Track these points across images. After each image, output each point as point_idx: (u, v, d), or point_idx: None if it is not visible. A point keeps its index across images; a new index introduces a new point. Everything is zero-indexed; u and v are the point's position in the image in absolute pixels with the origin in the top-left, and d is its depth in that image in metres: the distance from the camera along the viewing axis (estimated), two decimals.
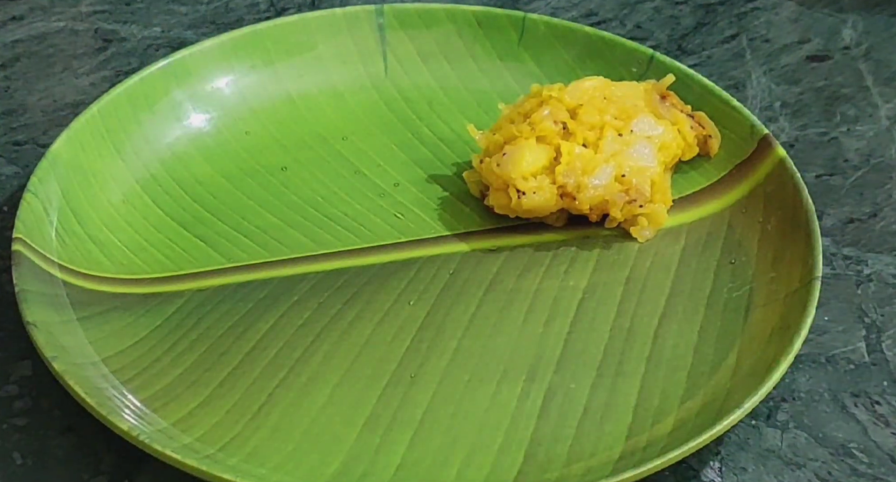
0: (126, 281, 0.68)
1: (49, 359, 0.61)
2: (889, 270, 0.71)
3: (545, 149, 0.71)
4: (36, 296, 0.64)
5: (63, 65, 0.83)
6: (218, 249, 0.70)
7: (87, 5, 0.87)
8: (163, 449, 0.58)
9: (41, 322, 0.63)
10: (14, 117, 0.79)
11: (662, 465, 0.58)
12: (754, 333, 0.65)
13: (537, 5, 0.91)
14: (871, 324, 0.69)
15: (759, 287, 0.68)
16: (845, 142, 0.79)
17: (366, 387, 0.64)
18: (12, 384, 0.64)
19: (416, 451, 0.61)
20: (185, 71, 0.78)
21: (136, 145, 0.74)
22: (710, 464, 0.62)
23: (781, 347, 0.63)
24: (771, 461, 0.62)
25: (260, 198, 0.74)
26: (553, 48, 0.82)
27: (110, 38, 0.86)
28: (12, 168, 0.76)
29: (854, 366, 0.67)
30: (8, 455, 0.61)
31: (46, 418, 0.63)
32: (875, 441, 0.63)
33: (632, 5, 0.91)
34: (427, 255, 0.70)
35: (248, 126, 0.78)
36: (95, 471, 0.60)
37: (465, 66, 0.82)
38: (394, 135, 0.78)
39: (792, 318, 0.64)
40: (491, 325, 0.67)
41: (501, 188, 0.71)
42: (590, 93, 0.73)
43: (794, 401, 0.65)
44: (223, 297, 0.68)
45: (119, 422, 0.59)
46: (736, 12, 0.91)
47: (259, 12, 0.89)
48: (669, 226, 0.72)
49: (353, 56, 0.82)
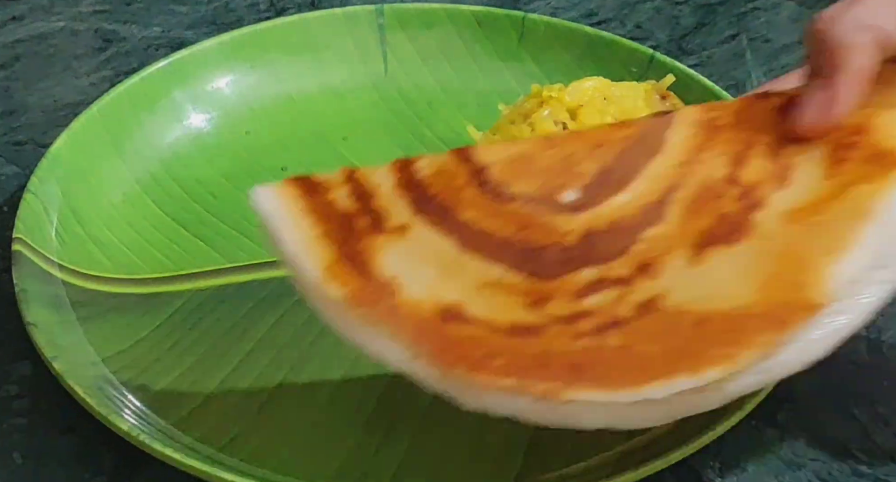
0: (126, 281, 0.68)
1: (49, 359, 0.61)
2: None
3: None
4: (36, 296, 0.64)
5: (63, 65, 0.83)
6: (218, 249, 0.70)
7: (87, 5, 0.87)
8: (163, 449, 0.58)
9: (41, 322, 0.63)
10: (14, 117, 0.79)
11: (662, 465, 0.58)
12: None
13: (537, 5, 0.91)
14: (871, 324, 0.69)
15: None
16: None
17: (366, 388, 0.64)
18: (12, 384, 0.64)
19: (417, 451, 0.61)
20: (185, 71, 0.78)
21: (137, 145, 0.74)
22: (710, 464, 0.62)
23: None
24: (771, 461, 0.62)
25: None
26: (553, 48, 0.82)
27: (110, 38, 0.86)
28: (12, 168, 0.76)
29: (854, 366, 0.66)
30: (8, 455, 0.61)
31: (46, 418, 0.62)
32: (875, 441, 0.63)
33: (632, 5, 0.91)
34: None
35: (248, 126, 0.78)
36: (95, 471, 0.60)
37: (465, 67, 0.82)
38: (394, 135, 0.78)
39: None
40: None
41: None
42: (590, 93, 0.73)
43: (794, 401, 0.65)
44: (223, 297, 0.68)
45: (119, 422, 0.58)
46: (736, 12, 0.91)
47: (259, 12, 0.89)
48: None
49: (354, 56, 0.82)
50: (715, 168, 0.55)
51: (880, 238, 0.52)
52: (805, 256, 0.52)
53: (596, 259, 0.54)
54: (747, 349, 0.50)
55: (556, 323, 0.52)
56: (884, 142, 0.54)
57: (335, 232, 0.55)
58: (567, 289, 0.53)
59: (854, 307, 0.51)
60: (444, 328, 0.52)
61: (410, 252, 0.54)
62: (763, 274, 0.51)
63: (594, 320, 0.52)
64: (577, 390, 0.50)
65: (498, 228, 0.55)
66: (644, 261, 0.53)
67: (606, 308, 0.52)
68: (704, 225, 0.54)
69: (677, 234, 0.54)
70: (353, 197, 0.56)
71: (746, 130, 0.56)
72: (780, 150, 0.55)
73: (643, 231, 0.54)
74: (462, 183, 0.56)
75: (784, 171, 0.55)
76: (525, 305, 0.53)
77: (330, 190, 0.57)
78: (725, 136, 0.56)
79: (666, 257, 0.53)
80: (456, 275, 0.54)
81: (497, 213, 0.55)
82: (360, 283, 0.53)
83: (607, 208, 0.55)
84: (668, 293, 0.52)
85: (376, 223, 0.55)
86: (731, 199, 0.54)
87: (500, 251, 0.54)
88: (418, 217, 0.56)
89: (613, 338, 0.51)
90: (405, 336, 0.52)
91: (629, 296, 0.52)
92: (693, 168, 0.56)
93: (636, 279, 0.53)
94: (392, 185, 0.57)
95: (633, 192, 0.55)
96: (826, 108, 0.54)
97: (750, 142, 0.56)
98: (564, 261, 0.54)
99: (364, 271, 0.54)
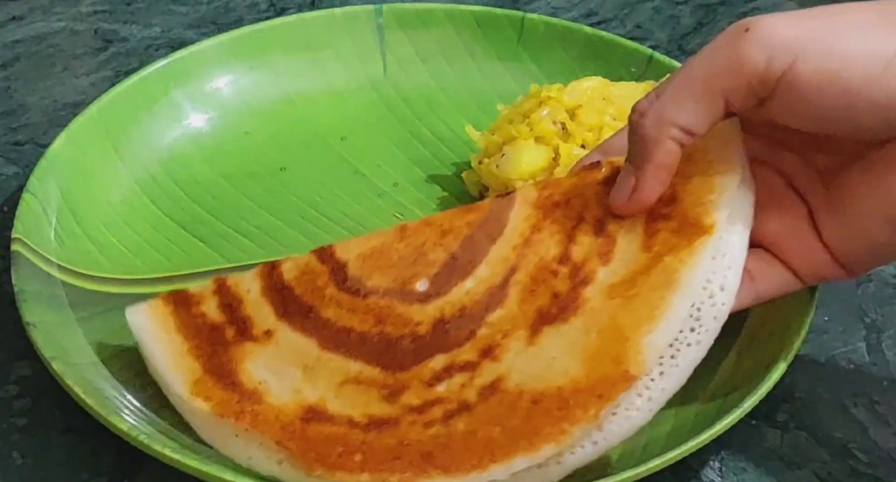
0: (125, 281, 0.68)
1: (48, 360, 0.61)
2: (889, 270, 0.71)
3: (544, 150, 0.71)
4: (35, 296, 0.64)
5: (63, 65, 0.83)
6: (218, 249, 0.70)
7: (87, 5, 0.87)
8: (163, 449, 0.58)
9: (40, 322, 0.63)
10: (14, 117, 0.79)
11: (662, 465, 0.58)
12: (754, 333, 0.65)
13: (537, 5, 0.91)
14: (871, 324, 0.69)
15: None
16: None
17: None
18: (12, 384, 0.64)
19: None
20: (184, 71, 0.78)
21: (136, 145, 0.74)
22: (710, 464, 0.62)
23: (781, 347, 0.63)
24: (771, 461, 0.62)
25: (259, 198, 0.74)
26: (552, 48, 0.82)
27: (110, 38, 0.86)
28: (12, 168, 0.76)
29: (854, 366, 0.66)
30: (8, 455, 0.61)
31: (46, 418, 0.62)
32: (875, 441, 0.63)
33: (632, 5, 0.91)
34: None
35: (248, 126, 0.78)
36: (95, 471, 0.60)
37: (464, 67, 0.82)
38: (393, 135, 0.78)
39: (792, 318, 0.64)
40: None
41: (500, 191, 0.71)
42: (589, 93, 0.73)
43: (794, 401, 0.65)
44: None
45: (119, 423, 0.58)
46: (736, 12, 0.91)
47: (259, 12, 0.89)
48: None
49: (353, 56, 0.82)
50: (548, 248, 0.58)
51: (687, 305, 0.55)
52: (623, 330, 0.55)
53: (446, 346, 0.57)
54: (576, 424, 0.53)
55: (410, 413, 0.55)
56: (691, 210, 0.57)
57: (204, 346, 0.59)
58: (420, 379, 0.56)
59: (669, 373, 0.55)
60: (305, 429, 0.55)
61: (276, 356, 0.58)
62: (588, 349, 0.55)
63: (444, 407, 0.55)
64: (427, 479, 0.53)
65: (357, 324, 0.58)
66: (488, 345, 0.56)
67: (455, 394, 0.55)
68: (540, 305, 0.57)
69: (517, 316, 0.57)
70: (222, 307, 0.60)
71: (576, 207, 0.59)
72: (605, 226, 0.58)
73: (487, 315, 0.57)
74: (323, 282, 0.59)
75: (608, 245, 0.58)
76: (381, 398, 0.56)
77: (201, 302, 0.60)
78: (558, 214, 0.59)
79: (507, 339, 0.56)
80: (318, 375, 0.57)
81: (356, 309, 0.58)
82: (226, 395, 0.57)
83: (455, 295, 0.58)
84: (510, 374, 0.55)
85: (242, 331, 0.59)
86: (563, 277, 0.57)
87: (358, 347, 0.57)
88: (282, 321, 0.59)
89: (461, 423, 0.54)
90: (269, 441, 0.55)
91: (475, 381, 0.55)
92: (530, 249, 0.58)
93: (481, 363, 0.56)
94: (259, 290, 0.60)
95: (477, 278, 0.58)
96: (632, 194, 0.57)
97: (580, 218, 0.59)
98: (417, 351, 0.57)
99: (230, 382, 0.57)
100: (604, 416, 0.54)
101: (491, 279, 0.58)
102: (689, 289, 0.55)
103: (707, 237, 0.57)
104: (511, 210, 0.60)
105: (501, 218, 0.60)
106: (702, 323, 0.56)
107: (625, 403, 0.54)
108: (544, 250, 0.58)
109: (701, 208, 0.57)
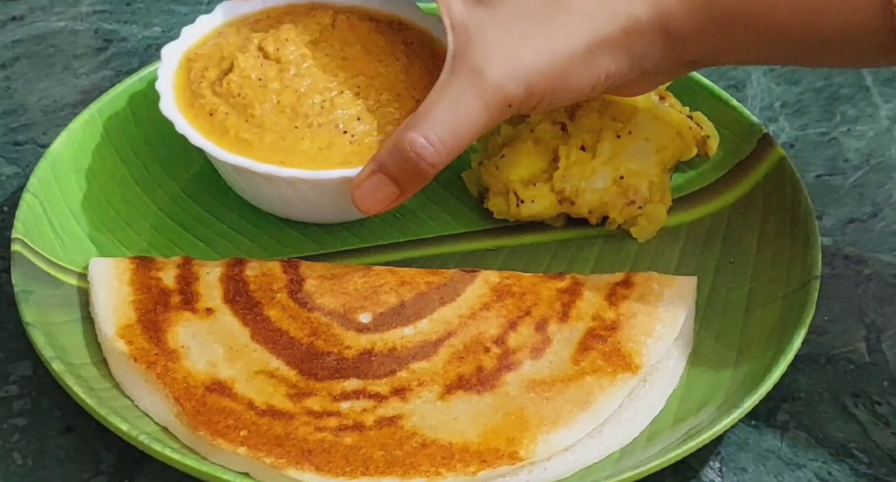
0: None
1: (49, 360, 0.61)
2: (889, 270, 0.71)
3: (543, 151, 0.71)
4: (35, 296, 0.64)
5: (63, 65, 0.83)
6: (218, 249, 0.70)
7: (87, 5, 0.87)
8: (163, 449, 0.58)
9: (40, 322, 0.63)
10: (14, 117, 0.79)
11: (662, 465, 0.58)
12: (753, 333, 0.65)
13: None
14: (871, 324, 0.69)
15: (759, 287, 0.68)
16: (845, 142, 0.79)
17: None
18: (12, 384, 0.64)
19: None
20: None
21: (136, 145, 0.74)
22: (710, 464, 0.62)
23: (781, 347, 0.63)
24: (771, 461, 0.62)
25: None
26: None
27: (110, 38, 0.85)
28: (12, 168, 0.76)
29: (854, 366, 0.66)
30: (8, 455, 0.61)
31: (46, 418, 0.63)
32: (875, 441, 0.63)
33: None
34: (427, 255, 0.70)
35: None
36: (95, 471, 0.60)
37: None
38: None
39: (791, 318, 0.64)
40: None
41: (501, 193, 0.71)
42: None
43: (794, 402, 0.65)
44: None
45: (119, 423, 0.59)
46: None
47: None
48: (669, 225, 0.72)
49: None
50: (490, 326, 0.64)
51: (592, 425, 0.60)
52: (527, 421, 0.60)
53: (365, 374, 0.62)
54: (451, 472, 0.58)
55: (307, 415, 0.60)
56: (625, 343, 0.63)
57: (146, 301, 0.64)
58: (329, 391, 0.61)
59: (555, 463, 0.59)
60: (206, 396, 0.60)
61: (207, 331, 0.63)
62: (490, 424, 0.60)
63: (340, 420, 0.60)
64: (298, 470, 0.57)
65: (293, 330, 0.63)
66: (402, 386, 0.61)
67: (354, 414, 0.60)
68: (462, 371, 0.62)
69: (439, 373, 0.62)
70: (178, 278, 0.66)
71: (528, 301, 0.65)
72: (547, 326, 0.64)
73: (413, 362, 0.62)
74: (278, 287, 0.65)
75: (543, 344, 0.63)
76: (287, 395, 0.61)
77: (162, 269, 0.66)
78: (509, 302, 0.65)
79: (421, 388, 0.61)
80: (238, 359, 0.62)
81: (297, 317, 0.64)
82: (147, 345, 0.62)
83: (391, 336, 0.63)
84: (411, 416, 0.60)
85: (187, 301, 0.64)
86: (493, 356, 0.63)
87: (285, 348, 0.63)
88: (227, 304, 0.64)
89: (348, 438, 0.59)
90: (170, 395, 0.60)
91: (377, 410, 0.60)
92: (473, 322, 0.64)
93: (389, 398, 0.61)
94: (218, 276, 0.66)
95: (416, 329, 0.64)
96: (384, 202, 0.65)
97: (527, 311, 0.65)
98: (337, 369, 0.62)
99: (155, 337, 0.63)
100: (482, 478, 0.58)
101: (428, 334, 0.63)
102: (597, 415, 0.60)
103: (630, 375, 0.62)
104: (471, 285, 0.66)
105: (459, 288, 0.66)
106: (603, 437, 0.60)
107: (500, 475, 0.58)
108: (485, 327, 0.64)
109: (634, 346, 0.63)
